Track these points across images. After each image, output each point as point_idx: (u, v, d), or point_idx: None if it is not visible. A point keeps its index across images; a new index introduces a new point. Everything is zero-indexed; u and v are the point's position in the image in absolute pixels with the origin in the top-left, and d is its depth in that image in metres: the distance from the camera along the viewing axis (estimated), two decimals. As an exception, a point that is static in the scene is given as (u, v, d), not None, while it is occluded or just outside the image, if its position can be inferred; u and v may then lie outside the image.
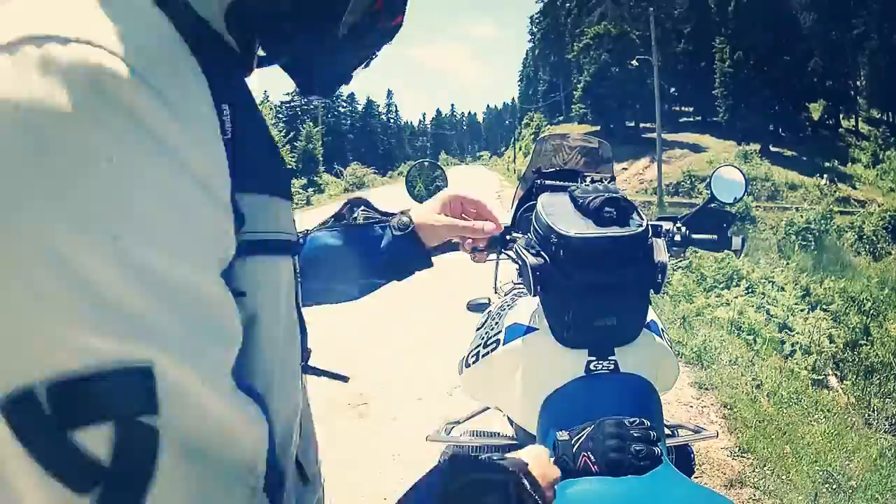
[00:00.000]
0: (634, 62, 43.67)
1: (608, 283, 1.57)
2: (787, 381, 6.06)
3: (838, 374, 7.66)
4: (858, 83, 43.52)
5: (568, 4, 77.67)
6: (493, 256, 1.94)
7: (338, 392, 5.03)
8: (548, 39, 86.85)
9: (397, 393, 5.33)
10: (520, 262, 1.68)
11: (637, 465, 1.33)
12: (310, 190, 36.32)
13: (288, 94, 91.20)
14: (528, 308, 1.89)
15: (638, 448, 1.33)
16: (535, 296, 1.63)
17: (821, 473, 4.12)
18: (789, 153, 43.18)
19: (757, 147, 42.98)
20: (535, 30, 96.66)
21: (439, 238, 1.51)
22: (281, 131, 33.64)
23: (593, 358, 1.61)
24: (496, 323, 1.98)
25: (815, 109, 47.04)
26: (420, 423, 4.34)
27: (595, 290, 1.55)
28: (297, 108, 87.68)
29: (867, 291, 10.31)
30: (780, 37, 41.36)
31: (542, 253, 1.57)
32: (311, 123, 52.08)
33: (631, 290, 1.61)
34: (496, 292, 2.44)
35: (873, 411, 6.71)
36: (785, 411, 5.20)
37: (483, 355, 1.90)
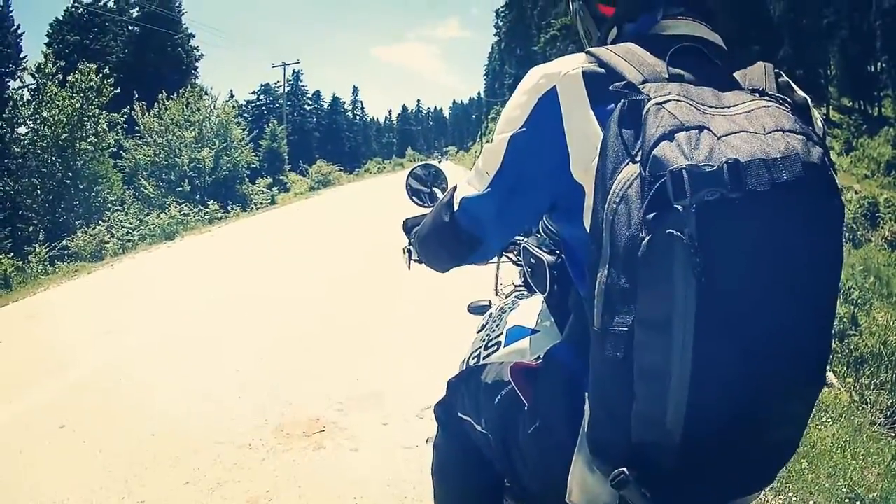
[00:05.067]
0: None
1: None
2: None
3: (834, 369, 7.34)
4: (829, 72, 43.68)
5: (534, -3, 77.37)
6: (493, 259, 2.03)
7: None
8: (514, 32, 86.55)
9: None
10: (524, 263, 1.79)
11: None
12: (275, 189, 35.77)
13: (253, 92, 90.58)
14: (529, 310, 1.92)
15: None
16: (547, 294, 1.68)
17: (843, 489, 3.79)
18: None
19: (726, 135, 42.66)
20: (501, 23, 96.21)
21: None
22: (244, 129, 32.87)
23: None
24: (497, 325, 2.02)
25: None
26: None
27: None
28: (263, 107, 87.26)
29: (853, 280, 10.05)
30: (749, 24, 41.32)
31: (558, 251, 1.61)
32: (275, 122, 51.60)
33: None
34: (497, 294, 2.40)
35: (865, 403, 6.43)
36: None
37: (484, 357, 1.94)
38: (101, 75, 24.69)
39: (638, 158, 1.09)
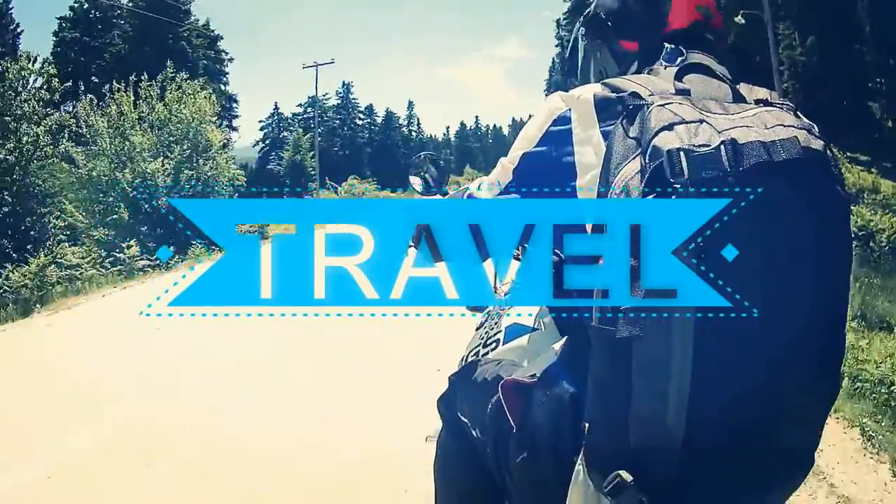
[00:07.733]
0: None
1: None
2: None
3: None
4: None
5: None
6: None
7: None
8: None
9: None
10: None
11: None
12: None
13: (300, 105, 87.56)
14: (528, 308, 1.93)
15: None
16: None
17: None
18: (862, 156, 37.70)
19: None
20: (563, 33, 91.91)
21: None
22: (223, 132, 25.70)
23: None
24: (496, 323, 2.03)
25: (876, 108, 41.75)
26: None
27: None
28: (310, 121, 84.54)
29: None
30: (838, 27, 37.02)
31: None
32: (300, 131, 45.89)
33: None
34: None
35: None
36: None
37: (483, 355, 1.95)
38: (37, 65, 19.66)
39: (639, 153, 1.10)
